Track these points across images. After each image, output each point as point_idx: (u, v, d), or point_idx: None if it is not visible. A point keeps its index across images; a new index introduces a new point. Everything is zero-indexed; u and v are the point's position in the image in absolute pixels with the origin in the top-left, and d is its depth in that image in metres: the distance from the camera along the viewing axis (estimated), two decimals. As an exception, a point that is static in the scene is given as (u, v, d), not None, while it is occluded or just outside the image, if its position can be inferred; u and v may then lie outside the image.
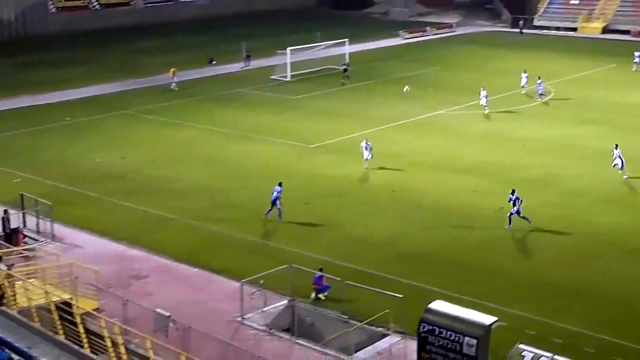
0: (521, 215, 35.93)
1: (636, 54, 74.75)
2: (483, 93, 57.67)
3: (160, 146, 50.07)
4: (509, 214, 35.98)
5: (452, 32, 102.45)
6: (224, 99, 63.94)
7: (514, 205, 35.92)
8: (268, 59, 76.96)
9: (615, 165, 42.72)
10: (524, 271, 32.24)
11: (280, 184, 37.47)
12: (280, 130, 53.49)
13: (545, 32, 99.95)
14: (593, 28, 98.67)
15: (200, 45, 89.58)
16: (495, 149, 48.80)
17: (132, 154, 48.31)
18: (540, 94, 61.53)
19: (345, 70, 70.62)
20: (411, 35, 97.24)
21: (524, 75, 63.91)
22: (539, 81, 61.67)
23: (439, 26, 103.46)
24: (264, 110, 59.93)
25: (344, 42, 76.96)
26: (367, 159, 44.49)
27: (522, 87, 63.62)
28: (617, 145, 43.16)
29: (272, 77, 71.15)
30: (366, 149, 44.53)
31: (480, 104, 57.51)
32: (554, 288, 30.69)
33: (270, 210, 37.17)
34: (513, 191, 36.29)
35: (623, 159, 42.56)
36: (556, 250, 34.18)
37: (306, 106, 61.13)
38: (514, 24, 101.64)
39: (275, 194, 37.10)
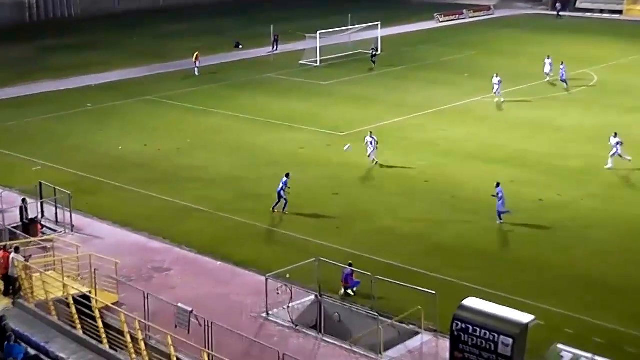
0: (500, 210, 35.49)
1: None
2: (496, 79, 56.66)
3: (184, 133, 50.08)
4: (498, 212, 35.40)
5: (490, 14, 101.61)
6: (250, 84, 63.87)
7: (499, 199, 35.43)
8: (297, 43, 76.88)
9: (613, 155, 42.06)
10: (563, 266, 31.80)
11: (287, 175, 37.20)
12: (309, 117, 53.33)
13: (588, 15, 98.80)
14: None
15: (226, 29, 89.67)
16: (534, 138, 48.28)
17: (155, 141, 48.39)
18: (563, 80, 60.45)
19: (374, 55, 70.09)
20: (447, 18, 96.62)
21: (547, 61, 62.74)
22: (562, 66, 60.59)
23: (476, 9, 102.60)
24: (293, 96, 59.81)
25: (376, 25, 76.57)
26: (370, 155, 43.03)
27: (547, 74, 62.58)
28: (616, 134, 42.50)
29: (301, 62, 71.01)
30: (371, 144, 43.08)
31: (493, 92, 56.63)
32: (594, 284, 30.27)
33: (277, 203, 36.96)
34: (498, 184, 35.75)
35: (619, 148, 41.98)
36: (597, 244, 33.73)
37: (336, 92, 60.90)
38: (555, 7, 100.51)
39: (280, 184, 36.87)
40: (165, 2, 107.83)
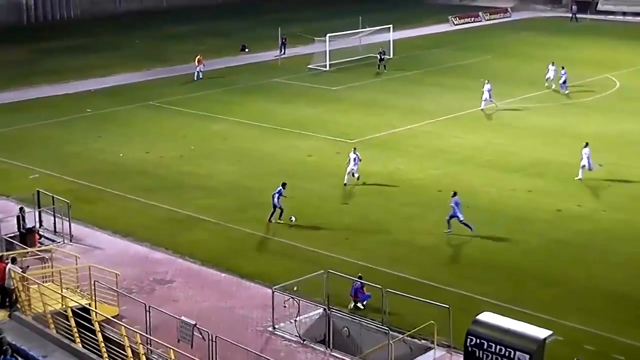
0: (449, 218, 35.50)
1: None
2: (487, 87, 56.39)
3: (187, 140, 50.24)
4: (462, 223, 35.40)
5: (507, 17, 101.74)
6: (257, 89, 64.03)
7: (455, 210, 35.36)
8: (305, 47, 77.03)
9: (583, 166, 42.00)
10: (584, 280, 31.81)
11: (283, 185, 37.31)
12: (318, 123, 53.46)
13: (610, 17, 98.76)
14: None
15: (231, 31, 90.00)
16: (553, 146, 48.24)
17: (157, 148, 48.56)
18: (564, 85, 60.36)
19: (382, 59, 70.07)
20: (462, 20, 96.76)
21: (551, 67, 62.51)
22: (562, 72, 60.59)
23: (493, 11, 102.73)
24: (301, 102, 59.95)
25: (388, 28, 76.75)
26: (351, 172, 41.90)
27: (548, 79, 62.41)
28: (587, 144, 42.40)
29: (310, 66, 71.14)
30: (354, 161, 42.03)
31: (483, 98, 56.37)
32: (615, 298, 30.26)
33: (273, 212, 37.10)
34: (454, 194, 35.77)
35: (590, 159, 41.92)
36: (618, 257, 33.69)
37: (347, 98, 61.01)
38: (577, 9, 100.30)
39: (275, 193, 37.00)
40: (169, 3, 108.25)
